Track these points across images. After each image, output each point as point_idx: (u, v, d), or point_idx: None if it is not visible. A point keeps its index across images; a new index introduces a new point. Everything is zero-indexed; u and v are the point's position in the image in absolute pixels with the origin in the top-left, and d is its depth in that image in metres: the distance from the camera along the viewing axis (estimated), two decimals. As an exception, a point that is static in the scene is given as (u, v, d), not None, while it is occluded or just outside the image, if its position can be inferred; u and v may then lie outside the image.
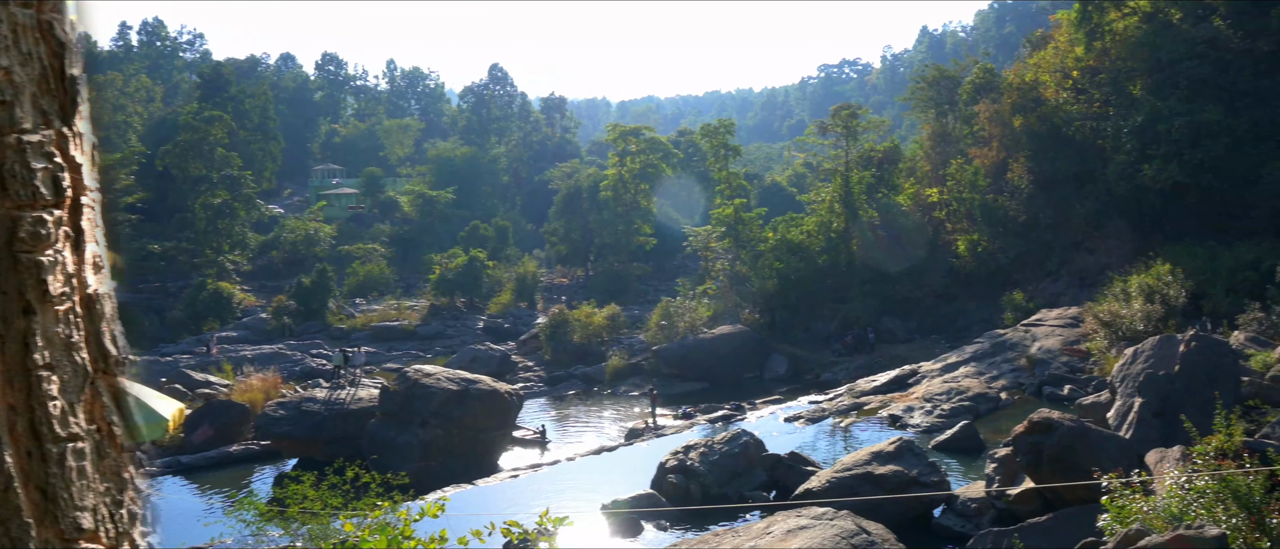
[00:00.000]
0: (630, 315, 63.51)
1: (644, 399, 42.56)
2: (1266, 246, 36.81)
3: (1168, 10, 51.42)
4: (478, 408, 32.38)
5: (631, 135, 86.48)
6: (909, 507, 19.89)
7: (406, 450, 30.27)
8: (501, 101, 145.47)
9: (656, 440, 32.52)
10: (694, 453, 24.72)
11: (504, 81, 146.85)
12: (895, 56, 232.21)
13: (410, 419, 31.31)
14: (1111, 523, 11.98)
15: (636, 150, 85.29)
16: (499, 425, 33.56)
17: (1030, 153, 55.41)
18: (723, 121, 69.58)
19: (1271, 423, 22.38)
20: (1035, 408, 22.99)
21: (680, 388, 46.01)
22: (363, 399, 34.92)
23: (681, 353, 49.07)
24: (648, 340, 53.44)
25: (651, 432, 34.89)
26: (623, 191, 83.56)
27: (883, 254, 59.84)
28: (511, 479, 28.46)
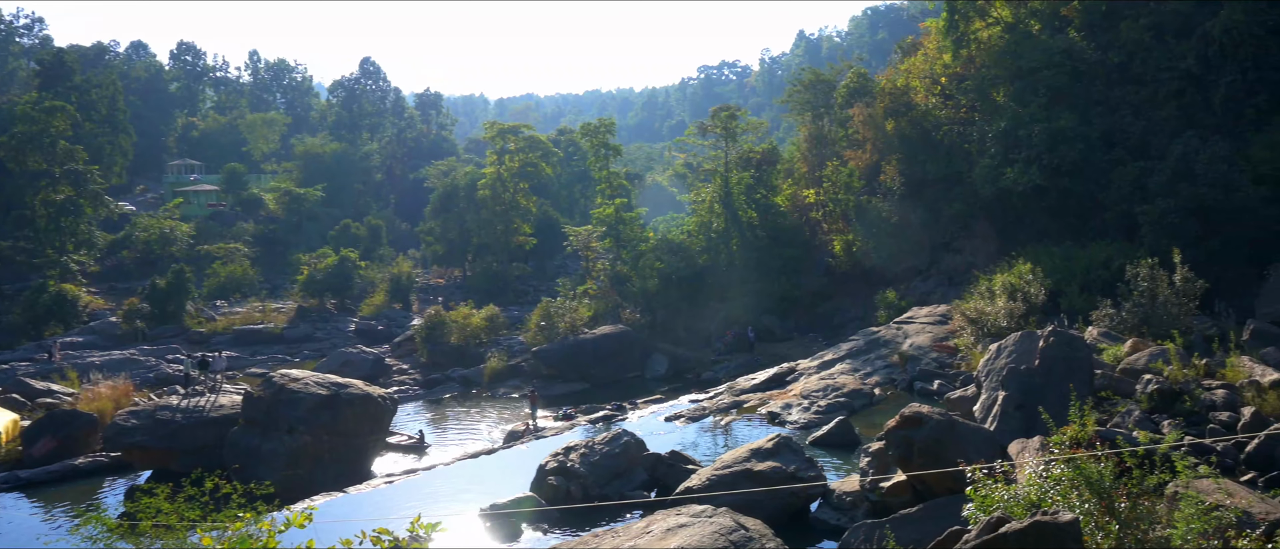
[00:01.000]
0: (510, 316, 63.15)
1: (524, 401, 42.37)
2: (1117, 247, 39.35)
3: (1028, 21, 54.34)
4: (349, 413, 31.63)
5: (510, 133, 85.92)
6: (787, 501, 20.48)
7: (272, 459, 29.33)
8: (374, 96, 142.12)
9: (536, 442, 32.46)
10: (574, 454, 24.80)
11: (376, 76, 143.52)
12: (773, 59, 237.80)
13: (276, 426, 30.34)
14: (976, 511, 12.61)
15: (515, 149, 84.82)
16: (372, 431, 32.85)
17: (902, 156, 57.68)
18: (603, 121, 69.88)
19: (1122, 413, 23.99)
20: (907, 403, 23.99)
21: (561, 389, 46.02)
22: (224, 406, 33.61)
23: (562, 353, 49.05)
24: (527, 341, 53.22)
25: (531, 433, 34.80)
26: (501, 190, 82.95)
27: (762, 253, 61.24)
28: (386, 486, 27.93)
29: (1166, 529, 11.36)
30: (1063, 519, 10.22)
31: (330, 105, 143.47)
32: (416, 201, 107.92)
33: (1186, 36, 44.31)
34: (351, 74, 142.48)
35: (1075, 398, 15.77)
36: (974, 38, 56.61)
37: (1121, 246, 39.08)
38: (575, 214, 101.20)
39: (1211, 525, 11.16)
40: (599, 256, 68.02)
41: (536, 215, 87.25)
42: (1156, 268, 31.73)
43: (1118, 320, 32.15)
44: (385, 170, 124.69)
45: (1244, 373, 24.98)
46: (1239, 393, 23.98)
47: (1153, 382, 24.76)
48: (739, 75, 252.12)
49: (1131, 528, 11.32)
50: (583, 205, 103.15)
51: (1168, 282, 31.30)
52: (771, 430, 28.69)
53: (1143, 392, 24.65)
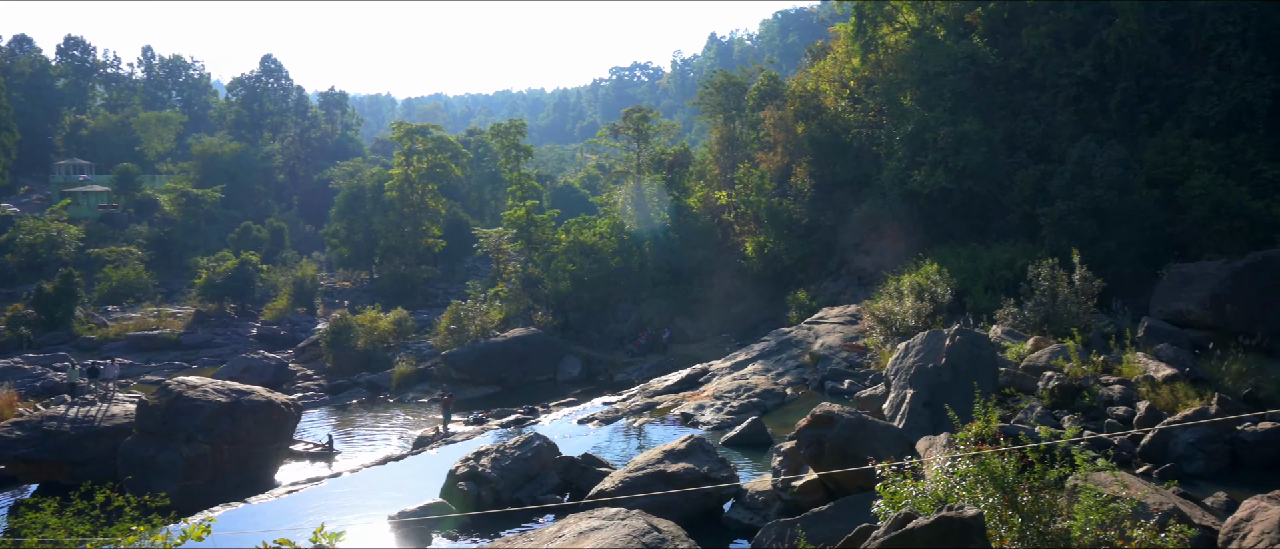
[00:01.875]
0: (418, 319, 62.23)
1: (434, 406, 41.72)
2: (1019, 247, 40.66)
3: (934, 27, 55.83)
4: (250, 421, 30.70)
5: (418, 133, 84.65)
6: (700, 502, 20.57)
7: (169, 470, 28.26)
8: (275, 95, 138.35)
9: (446, 447, 31.97)
10: (485, 458, 24.50)
11: (278, 74, 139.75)
12: (685, 61, 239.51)
13: (173, 436, 29.24)
14: (885, 508, 12.83)
15: (424, 149, 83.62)
16: (275, 439, 31.94)
17: (812, 158, 58.67)
18: (514, 121, 69.39)
19: (1025, 409, 24.79)
20: (819, 402, 24.34)
21: (472, 392, 45.50)
22: (117, 416, 32.24)
23: (473, 357, 48.51)
24: (437, 345, 52.50)
25: (441, 439, 34.27)
26: (409, 191, 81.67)
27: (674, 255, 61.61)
28: (290, 495, 27.14)
29: (1067, 521, 11.71)
30: (967, 514, 10.45)
31: (229, 104, 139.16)
32: (321, 203, 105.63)
33: (1084, 44, 46.10)
34: (252, 72, 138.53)
35: (980, 395, 16.19)
36: (882, 42, 57.92)
37: (1024, 247, 40.40)
38: (486, 216, 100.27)
39: (1109, 517, 11.55)
40: (510, 259, 67.53)
41: (446, 217, 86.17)
42: (1057, 268, 32.89)
43: (1020, 319, 33.21)
44: (288, 171, 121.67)
45: (1139, 369, 26.07)
46: (1135, 388, 25.01)
47: (1054, 378, 25.64)
48: (651, 77, 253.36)
49: (1034, 521, 11.63)
50: (493, 207, 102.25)
51: (1068, 281, 32.46)
52: (685, 432, 28.81)
53: (1044, 388, 25.51)
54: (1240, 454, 21.26)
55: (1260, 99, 40.00)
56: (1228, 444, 21.40)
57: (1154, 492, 14.50)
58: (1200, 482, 19.97)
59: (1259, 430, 21.34)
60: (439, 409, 38.98)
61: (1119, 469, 16.48)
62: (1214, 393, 23.73)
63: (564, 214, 76.99)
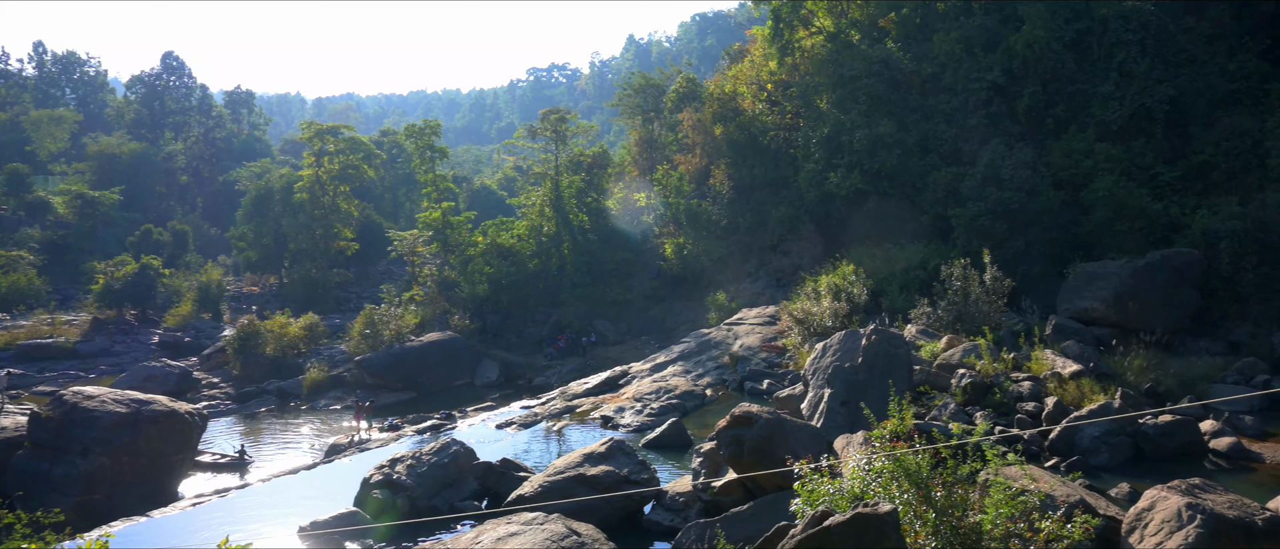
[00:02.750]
0: (330, 324, 61.05)
1: (347, 412, 40.95)
2: (933, 248, 41.71)
3: (849, 31, 56.96)
4: (152, 432, 29.73)
5: (329, 134, 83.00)
6: (620, 505, 20.58)
7: (64, 484, 27.22)
8: (178, 94, 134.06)
9: (360, 455, 31.40)
10: (401, 465, 24.12)
11: (180, 72, 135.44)
12: (603, 63, 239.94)
13: (68, 448, 28.14)
14: (803, 506, 13.03)
15: (335, 150, 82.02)
16: (179, 450, 30.97)
17: (730, 160, 59.29)
18: (429, 122, 68.53)
19: (939, 406, 25.41)
20: (738, 403, 24.56)
21: (387, 398, 44.80)
22: (6, 428, 30.87)
23: (387, 362, 47.77)
24: (350, 350, 51.56)
25: (355, 446, 33.65)
26: (320, 193, 79.98)
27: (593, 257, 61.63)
28: (195, 507, 26.32)
29: (978, 515, 12.05)
30: (882, 510, 10.67)
31: (128, 102, 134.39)
32: (227, 205, 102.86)
33: (993, 50, 47.52)
34: (152, 69, 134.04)
35: (895, 393, 16.57)
36: (798, 46, 58.86)
37: (937, 247, 41.44)
38: (400, 218, 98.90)
39: (1018, 509, 11.92)
40: (426, 262, 66.65)
41: (358, 219, 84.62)
42: (969, 268, 33.84)
43: (934, 318, 34.07)
44: (191, 172, 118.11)
45: (1047, 365, 26.97)
46: (1043, 384, 25.86)
47: (966, 376, 26.34)
48: (569, 78, 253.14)
49: (947, 516, 11.95)
50: (408, 209, 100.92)
51: (979, 281, 33.42)
52: (604, 434, 28.81)
53: (958, 386, 26.19)
54: (1142, 446, 22.16)
55: (1159, 104, 41.75)
56: (1130, 437, 22.28)
57: (1061, 484, 15.00)
58: (1105, 474, 20.76)
59: (1159, 423, 22.27)
60: (353, 416, 38.28)
61: (1028, 463, 17.00)
62: (1117, 388, 24.69)
63: (481, 216, 76.40)
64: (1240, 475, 20.24)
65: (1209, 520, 12.39)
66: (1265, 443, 22.59)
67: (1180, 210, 38.08)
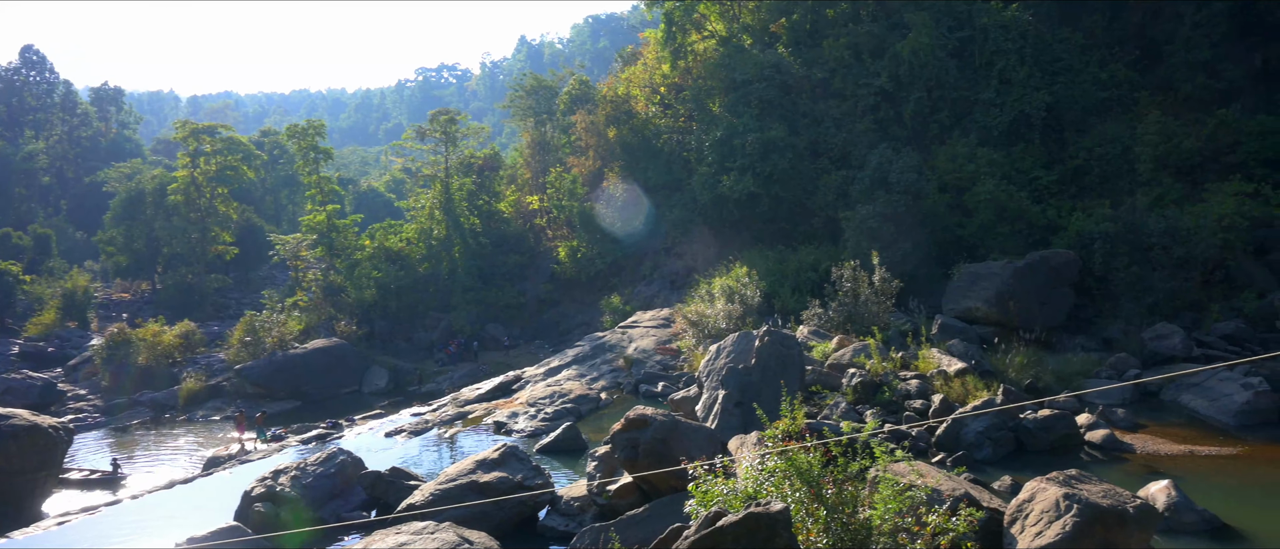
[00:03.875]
0: (208, 332, 58.92)
1: (227, 423, 39.54)
2: (824, 250, 42.68)
3: (741, 36, 57.88)
4: (11, 447, 28.10)
5: (205, 133, 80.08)
6: (514, 511, 20.40)
7: (-89, 506, 25.55)
8: (38, 90, 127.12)
9: (241, 467, 30.37)
10: (284, 477, 23.40)
11: (40, 67, 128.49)
12: (495, 64, 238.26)
13: (-84, 468, 26.41)
14: (697, 507, 13.15)
15: (212, 150, 79.18)
16: (41, 466, 29.34)
17: (624, 163, 59.55)
18: (312, 122, 66.80)
19: (830, 405, 25.99)
20: (633, 406, 24.62)
21: (270, 408, 43.35)
22: None
23: (269, 370, 46.34)
24: (229, 359, 49.85)
25: (235, 458, 32.50)
26: (196, 195, 77.11)
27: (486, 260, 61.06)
28: (60, 527, 25.01)
29: (868, 511, 12.36)
30: (774, 509, 10.83)
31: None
32: (94, 208, 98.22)
33: (880, 56, 48.95)
34: (10, 64, 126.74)
35: (787, 393, 16.87)
36: (691, 50, 59.52)
37: (828, 249, 42.43)
38: (283, 221, 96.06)
39: (906, 504, 12.27)
40: (310, 266, 64.91)
41: (238, 223, 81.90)
42: (858, 269, 34.74)
43: (826, 319, 34.84)
44: (54, 173, 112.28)
45: (934, 364, 27.87)
46: (930, 382, 26.71)
47: (857, 375, 27.01)
48: (459, 79, 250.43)
49: (838, 512, 12.21)
50: (291, 212, 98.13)
51: (868, 282, 34.33)
52: (498, 440, 28.55)
53: (848, 385, 26.83)
54: (1023, 440, 23.09)
55: (1036, 111, 43.70)
56: (1012, 432, 23.19)
57: (947, 479, 15.50)
58: (988, 467, 21.56)
59: (1039, 417, 23.24)
60: (234, 426, 36.99)
61: (915, 459, 17.53)
62: (1000, 384, 25.70)
63: (368, 219, 74.87)
64: (1113, 465, 21.30)
65: (1084, 510, 12.98)
66: (1136, 434, 23.82)
67: (1057, 213, 39.93)
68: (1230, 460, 21.51)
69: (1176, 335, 31.41)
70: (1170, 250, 34.50)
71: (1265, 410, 24.86)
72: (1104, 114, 44.43)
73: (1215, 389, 26.38)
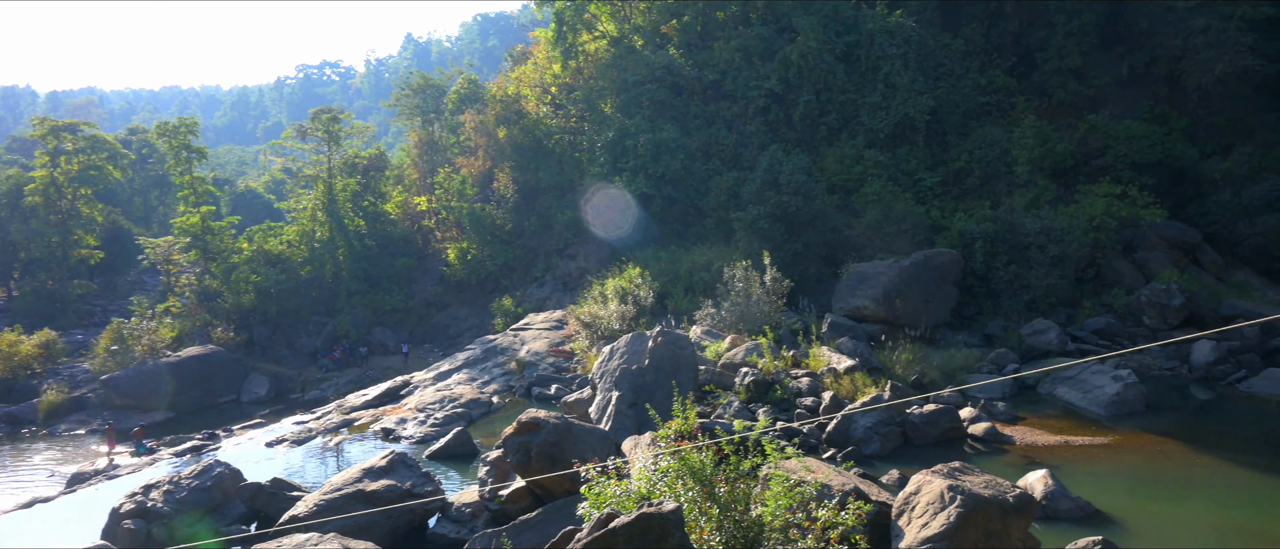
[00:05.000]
0: (71, 341, 56.09)
1: (94, 437, 37.75)
2: (716, 250, 43.23)
3: (632, 37, 58.20)
4: None
5: (66, 131, 76.14)
6: (403, 519, 20.08)
7: None
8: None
9: (108, 483, 29.05)
10: (156, 492, 22.50)
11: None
12: (380, 62, 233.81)
13: None
14: (590, 509, 13.18)
15: (74, 149, 75.35)
16: (-116, 488, 27.57)
17: (515, 163, 59.18)
18: (184, 120, 64.23)
19: (723, 404, 26.36)
20: (526, 409, 24.52)
21: (139, 420, 41.54)
22: None
23: (139, 380, 44.43)
24: (95, 369, 47.57)
25: (102, 474, 31.07)
26: (56, 197, 73.28)
27: (372, 263, 59.89)
28: (-98, 553, 23.51)
29: (760, 508, 12.58)
30: (666, 509, 10.95)
31: None
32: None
33: (770, 59, 49.91)
34: None
35: (680, 393, 17.04)
36: (582, 50, 59.57)
37: (720, 250, 42.99)
38: (153, 224, 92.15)
39: (796, 500, 12.54)
40: (183, 270, 62.44)
41: (103, 225, 78.10)
42: (750, 269, 35.31)
43: (718, 319, 35.30)
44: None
45: (824, 362, 28.54)
46: (820, 379, 27.35)
47: (749, 374, 27.46)
48: (343, 76, 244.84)
49: (730, 510, 12.40)
50: (162, 214, 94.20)
51: (760, 282, 34.92)
52: (386, 448, 28.01)
53: (741, 384, 27.26)
54: (910, 434, 23.87)
55: (920, 115, 45.24)
56: (899, 426, 23.95)
57: (837, 474, 15.90)
58: (877, 461, 22.22)
59: (924, 412, 24.06)
60: (103, 440, 35.33)
61: (806, 455, 17.97)
62: (887, 380, 26.48)
63: (246, 221, 72.57)
64: (994, 457, 22.20)
65: (968, 500, 13.49)
66: (1015, 427, 24.88)
67: (940, 213, 41.42)
68: (1102, 449, 22.67)
69: (1052, 331, 32.97)
70: (1046, 249, 36.16)
71: (1133, 401, 26.29)
72: (983, 118, 46.33)
73: (1088, 382, 27.77)
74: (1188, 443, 22.94)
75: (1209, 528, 17.24)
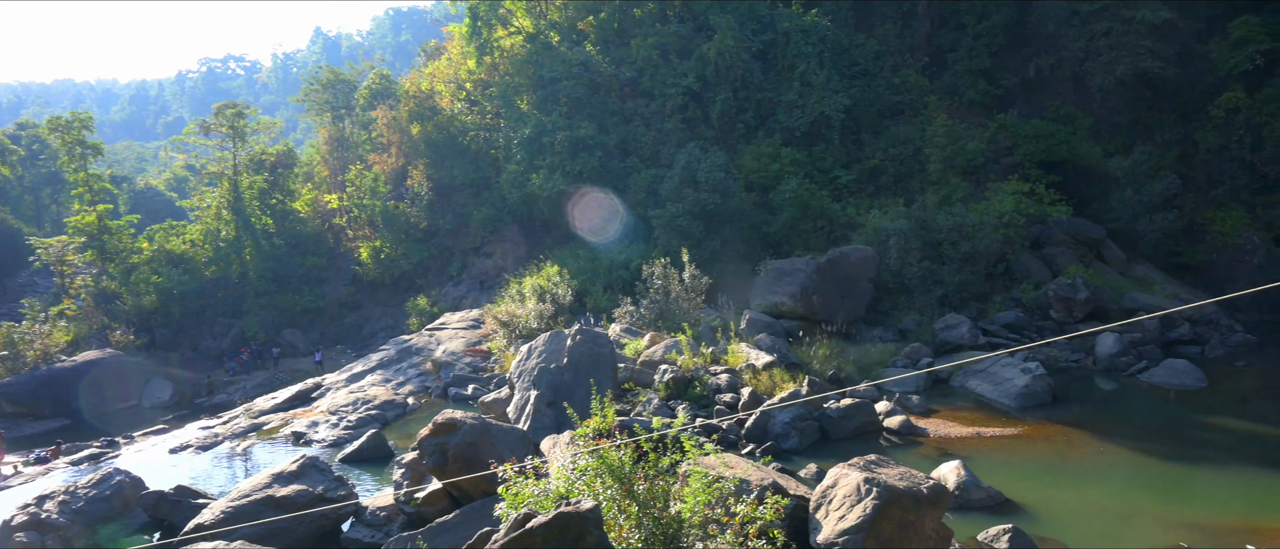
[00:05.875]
0: (-43, 347, 53.65)
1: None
2: (635, 248, 43.36)
3: (548, 33, 57.96)
4: None
5: (-49, 124, 73.07)
6: (315, 525, 19.66)
7: None
8: None
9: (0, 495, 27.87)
10: (51, 502, 21.66)
11: None
12: (288, 56, 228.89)
13: None
14: (507, 510, 13.09)
15: (-40, 143, 72.32)
16: None
17: (429, 160, 58.49)
18: (78, 114, 61.94)
19: (643, 402, 26.44)
20: (442, 410, 24.23)
21: (33, 428, 40.03)
22: None
23: (32, 387, 42.74)
24: (-17, 376, 45.63)
25: (-8, 486, 29.76)
26: (-61, 194, 70.22)
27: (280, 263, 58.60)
28: None
29: (679, 504, 12.66)
30: (584, 507, 10.94)
31: None
32: None
33: (687, 57, 50.24)
34: None
35: (599, 391, 17.04)
36: (497, 45, 59.13)
37: (639, 247, 43.15)
38: (45, 223, 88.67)
39: (715, 496, 12.64)
40: (78, 271, 60.20)
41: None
42: (669, 267, 35.49)
43: (638, 316, 35.41)
44: None
45: (742, 358, 28.84)
46: (739, 376, 27.63)
47: (669, 371, 27.60)
48: (248, 71, 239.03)
49: (649, 508, 12.44)
50: (56, 212, 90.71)
51: (679, 279, 35.13)
52: (297, 452, 27.38)
53: (660, 381, 27.38)
54: (827, 428, 24.27)
55: (835, 113, 46.04)
56: (817, 421, 24.33)
57: (755, 469, 16.08)
58: (796, 456, 22.55)
59: (842, 406, 24.49)
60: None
61: (725, 451, 18.15)
62: (805, 375, 26.91)
63: (147, 220, 70.38)
64: (909, 449, 22.71)
65: (883, 493, 13.78)
66: (929, 419, 25.49)
67: (856, 210, 42.20)
68: (1012, 440, 23.37)
69: (964, 325, 33.88)
70: (958, 246, 37.16)
71: (1041, 392, 27.17)
72: (897, 117, 47.39)
73: (998, 374, 28.59)
74: (1092, 432, 23.79)
75: (1111, 513, 17.92)
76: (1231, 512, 17.65)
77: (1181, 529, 16.58)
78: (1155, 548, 15.78)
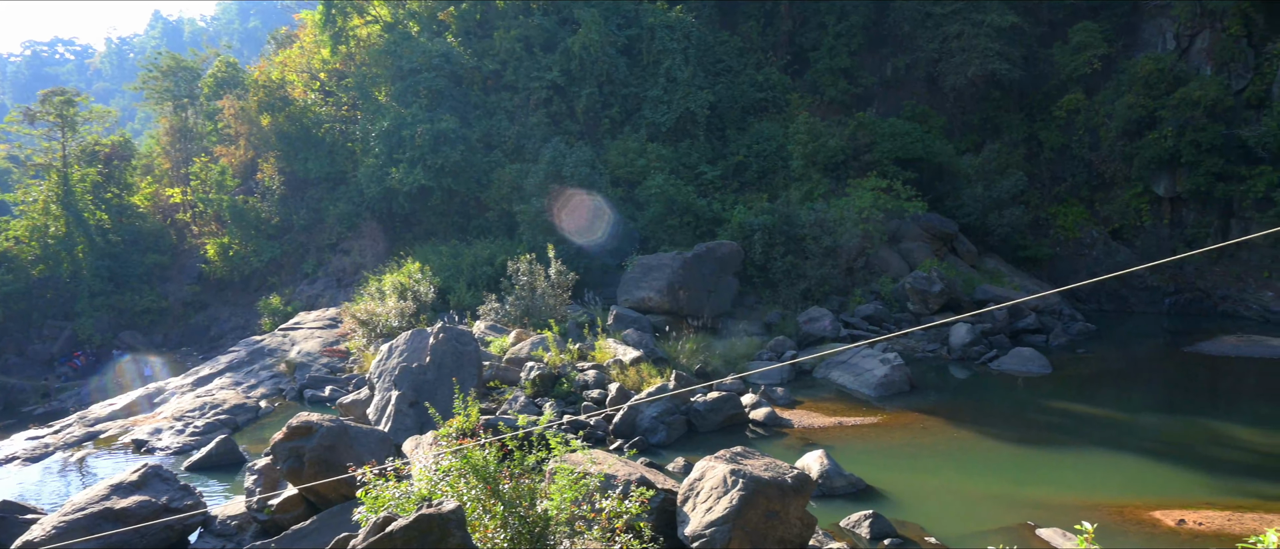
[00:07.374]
0: None
1: None
2: (499, 244, 43.00)
3: (407, 22, 56.90)
4: None
5: None
6: (159, 537, 18.77)
7: None
8: None
9: None
10: None
11: None
12: (123, 41, 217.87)
13: None
14: (367, 514, 12.80)
15: None
16: None
17: (281, 153, 56.61)
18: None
19: (509, 400, 26.26)
20: (297, 412, 23.50)
21: None
22: None
23: None
24: None
25: None
26: None
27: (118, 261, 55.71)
28: None
29: (545, 502, 12.64)
30: (446, 509, 10.80)
31: None
32: None
33: (551, 50, 50.12)
34: None
35: (463, 390, 16.84)
36: (353, 35, 57.70)
37: (504, 243, 42.81)
38: None
39: (581, 492, 12.67)
40: (-116, 272, 55.95)
41: None
42: (534, 263, 35.32)
43: (503, 313, 35.14)
44: None
45: (610, 353, 28.98)
46: (607, 371, 27.75)
47: (535, 368, 27.49)
48: (79, 55, 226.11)
49: (515, 506, 12.37)
50: None
51: (545, 275, 35.02)
52: (138, 461, 26.10)
53: (527, 378, 27.25)
54: (695, 422, 24.62)
55: (700, 109, 46.73)
56: (684, 415, 24.65)
57: (623, 464, 16.18)
58: (663, 450, 22.80)
59: (708, 400, 24.88)
60: None
61: (594, 447, 18.21)
62: (672, 370, 27.24)
63: (-35, 215, 65.80)
64: (775, 440, 23.27)
65: (749, 483, 14.06)
66: (794, 410, 26.18)
67: (721, 206, 42.94)
68: (872, 429, 24.24)
69: (826, 318, 34.94)
70: (820, 240, 38.28)
71: (899, 382, 28.28)
72: (761, 114, 48.48)
73: (859, 365, 29.61)
74: (947, 419, 24.89)
75: (965, 496, 18.79)
76: (1072, 490, 18.79)
77: (1029, 508, 17.53)
78: (1005, 526, 16.60)
